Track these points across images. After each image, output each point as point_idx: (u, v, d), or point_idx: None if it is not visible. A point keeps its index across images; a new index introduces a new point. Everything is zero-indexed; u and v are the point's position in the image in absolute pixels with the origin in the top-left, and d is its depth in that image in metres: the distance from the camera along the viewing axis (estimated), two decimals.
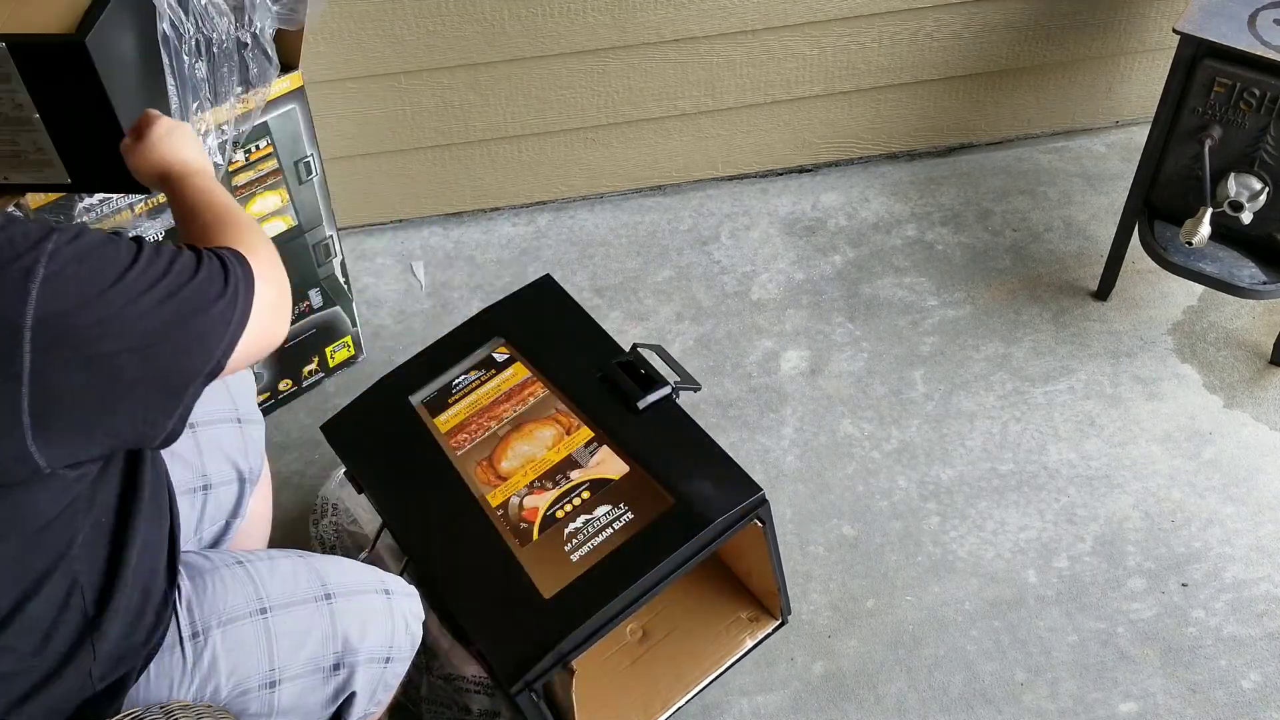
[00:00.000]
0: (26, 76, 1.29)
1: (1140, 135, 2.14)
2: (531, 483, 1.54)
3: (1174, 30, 1.82)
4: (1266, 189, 1.86)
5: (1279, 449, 1.97)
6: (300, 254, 1.96)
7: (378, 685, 1.27)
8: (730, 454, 1.54)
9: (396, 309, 2.29)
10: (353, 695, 1.24)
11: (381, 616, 1.27)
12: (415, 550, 1.54)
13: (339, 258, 2.02)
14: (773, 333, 2.20)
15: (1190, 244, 1.87)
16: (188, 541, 1.31)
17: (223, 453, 1.36)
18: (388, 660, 1.27)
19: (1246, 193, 1.86)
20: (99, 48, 1.28)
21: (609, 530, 1.47)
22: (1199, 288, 2.21)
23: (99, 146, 1.37)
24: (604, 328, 1.74)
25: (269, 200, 1.86)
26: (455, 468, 1.57)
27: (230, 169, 1.77)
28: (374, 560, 1.64)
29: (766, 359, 2.15)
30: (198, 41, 1.48)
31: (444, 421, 1.64)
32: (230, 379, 1.41)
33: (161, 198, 1.73)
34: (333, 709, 1.24)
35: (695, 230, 2.41)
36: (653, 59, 2.24)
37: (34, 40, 1.26)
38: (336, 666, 1.22)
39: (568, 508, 1.50)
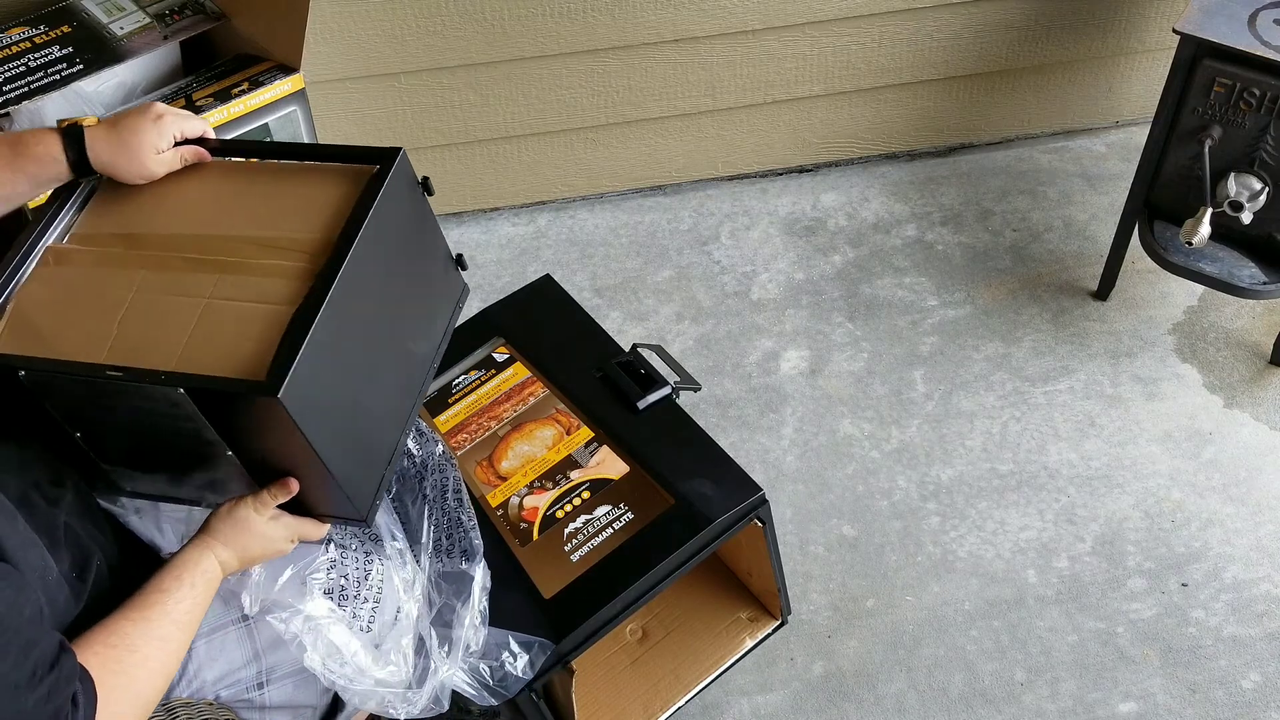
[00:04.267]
0: (212, 417, 1.07)
1: (1140, 135, 2.14)
2: (531, 483, 1.54)
3: (1174, 30, 1.82)
4: (1266, 189, 1.86)
5: (1279, 449, 1.97)
6: None
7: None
8: (730, 454, 1.54)
9: None
10: None
11: None
12: None
13: None
14: (773, 333, 2.20)
15: (1190, 244, 1.87)
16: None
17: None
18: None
19: (1246, 193, 1.86)
20: (297, 397, 1.02)
21: (609, 530, 1.47)
22: (1199, 288, 2.21)
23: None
24: (604, 328, 1.74)
25: None
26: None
27: None
28: None
29: (766, 359, 2.15)
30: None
31: (444, 421, 1.64)
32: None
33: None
34: (328, 697, 1.25)
35: (695, 230, 2.41)
36: (653, 59, 2.24)
37: (217, 386, 1.04)
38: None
39: (568, 508, 1.50)
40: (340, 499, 1.18)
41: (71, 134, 1.17)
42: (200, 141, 1.24)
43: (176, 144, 1.22)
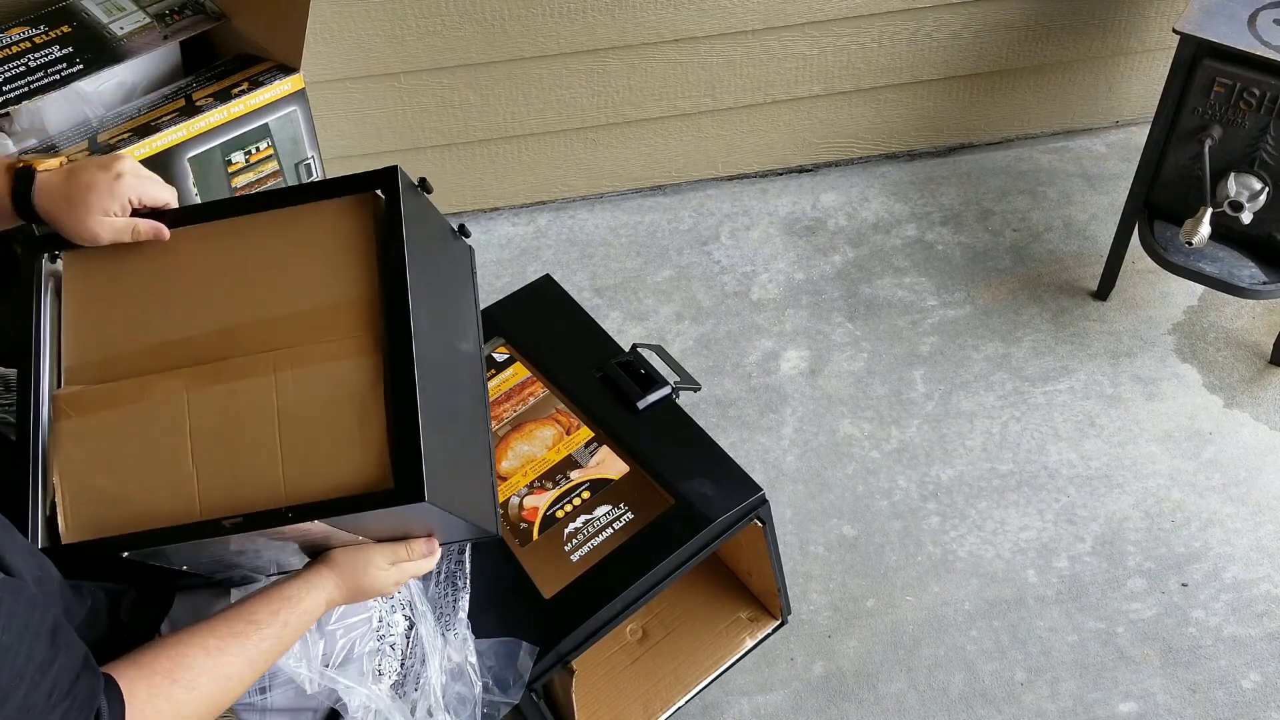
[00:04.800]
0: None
1: (1140, 135, 2.14)
2: (531, 483, 1.54)
3: (1174, 30, 1.82)
4: (1266, 189, 1.86)
5: (1279, 449, 1.97)
6: None
7: (382, 651, 1.28)
8: (730, 454, 1.54)
9: None
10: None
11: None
12: None
13: None
14: (773, 333, 2.20)
15: (1190, 244, 1.87)
16: None
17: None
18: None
19: (1246, 193, 1.86)
20: (437, 487, 0.99)
21: (609, 530, 1.47)
22: (1199, 288, 2.21)
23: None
24: (604, 328, 1.74)
25: None
26: None
27: (230, 170, 1.77)
28: None
29: (766, 359, 2.15)
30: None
31: None
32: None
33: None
34: (331, 700, 1.25)
35: (695, 230, 2.41)
36: (653, 59, 2.24)
37: (354, 507, 0.99)
38: (326, 664, 1.22)
39: (568, 508, 1.50)
40: (467, 530, 1.15)
41: (23, 176, 1.06)
42: (159, 214, 1.09)
43: (135, 211, 1.08)
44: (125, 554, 0.99)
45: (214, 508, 1.00)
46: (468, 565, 1.41)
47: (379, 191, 1.08)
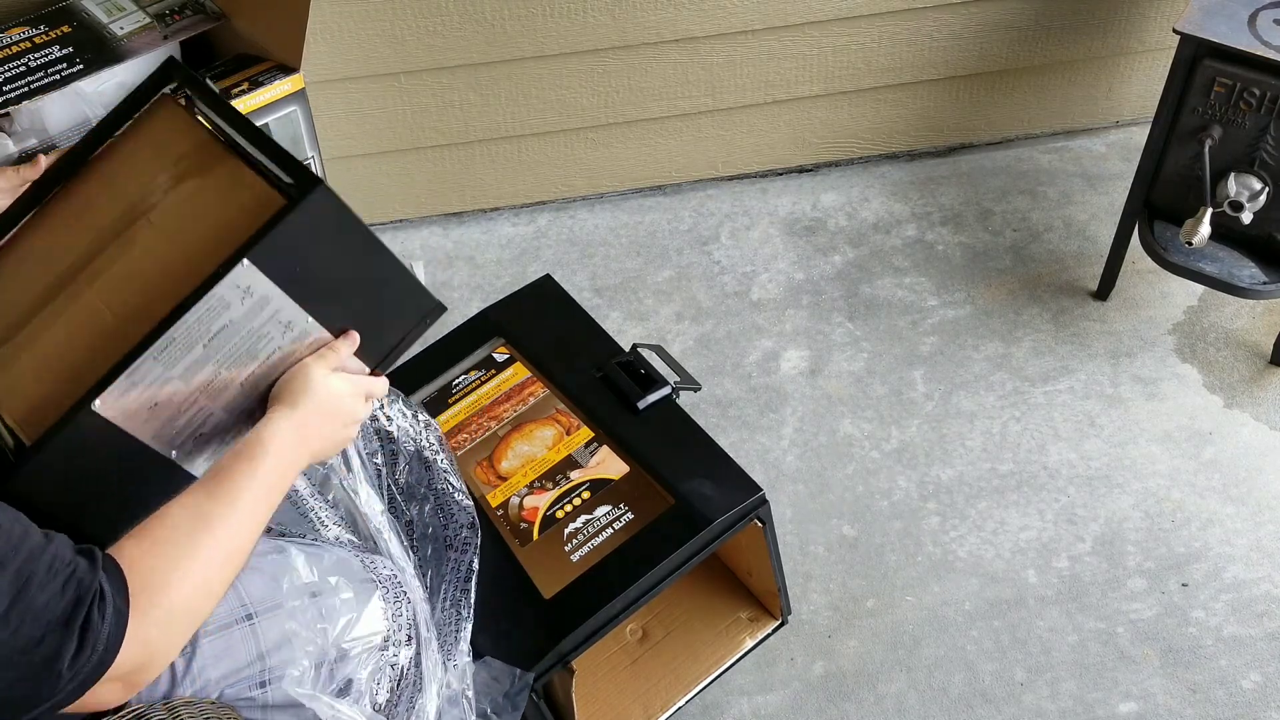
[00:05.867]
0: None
1: (1140, 135, 2.14)
2: (531, 483, 1.54)
3: (1174, 30, 1.82)
4: (1266, 189, 1.86)
5: (1279, 449, 1.97)
6: None
7: (382, 671, 1.28)
8: (730, 454, 1.54)
9: None
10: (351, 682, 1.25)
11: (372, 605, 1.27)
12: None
13: None
14: (773, 333, 2.20)
15: (1190, 244, 1.87)
16: None
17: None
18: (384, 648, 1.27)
19: (1246, 193, 1.86)
20: (329, 190, 1.05)
21: (609, 530, 1.47)
22: (1199, 288, 2.21)
23: None
24: (604, 328, 1.74)
25: None
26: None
27: None
28: None
29: (766, 359, 2.15)
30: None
31: (444, 421, 1.64)
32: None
33: None
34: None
35: (695, 230, 2.41)
36: (653, 59, 2.24)
37: (274, 224, 1.02)
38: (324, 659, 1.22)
39: (568, 508, 1.50)
40: (407, 303, 1.16)
41: None
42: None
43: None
44: (95, 405, 0.99)
45: (146, 319, 1.02)
46: (473, 594, 1.41)
47: (176, 89, 1.15)
